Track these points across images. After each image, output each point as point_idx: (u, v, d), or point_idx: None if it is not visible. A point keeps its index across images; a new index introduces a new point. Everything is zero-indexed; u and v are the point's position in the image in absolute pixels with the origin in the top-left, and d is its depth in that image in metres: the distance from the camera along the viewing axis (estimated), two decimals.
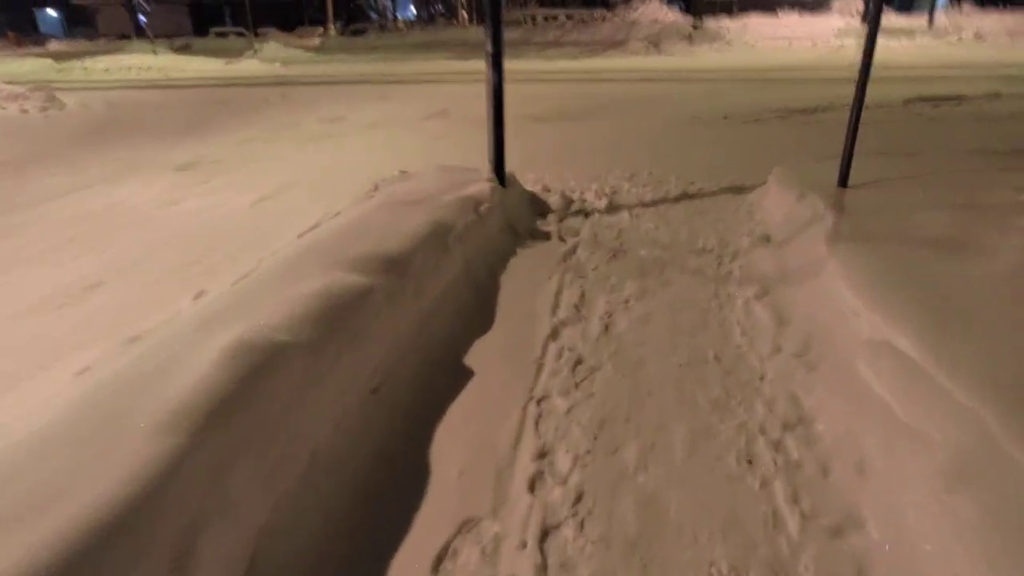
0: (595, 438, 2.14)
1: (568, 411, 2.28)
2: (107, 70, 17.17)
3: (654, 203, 4.51)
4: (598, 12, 25.66)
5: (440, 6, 42.56)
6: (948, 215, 2.89)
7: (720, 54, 18.05)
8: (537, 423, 2.22)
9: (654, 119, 7.87)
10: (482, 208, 3.55)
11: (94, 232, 4.27)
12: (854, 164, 3.59)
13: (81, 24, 43.16)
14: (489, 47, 3.80)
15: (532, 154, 6.00)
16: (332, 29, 31.49)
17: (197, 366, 1.68)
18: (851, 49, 17.37)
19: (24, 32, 39.58)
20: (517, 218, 3.91)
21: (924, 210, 2.97)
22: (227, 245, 3.83)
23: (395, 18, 39.19)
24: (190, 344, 1.84)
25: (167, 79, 15.44)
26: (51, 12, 47.17)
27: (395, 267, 2.59)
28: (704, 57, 17.18)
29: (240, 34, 28.90)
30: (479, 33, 3.91)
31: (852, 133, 3.47)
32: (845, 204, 3.23)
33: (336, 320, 2.15)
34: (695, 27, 21.70)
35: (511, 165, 4.41)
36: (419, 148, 6.65)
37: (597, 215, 4.28)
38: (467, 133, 7.03)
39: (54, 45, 32.45)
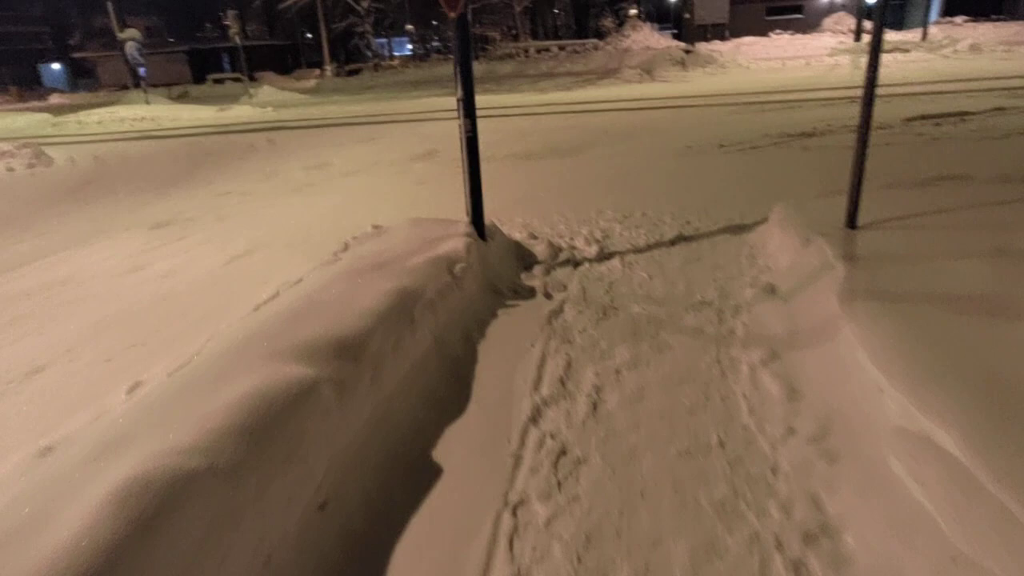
0: (579, 560, 1.80)
1: (548, 522, 1.94)
2: (100, 122, 17.17)
3: (648, 248, 4.20)
4: (590, 42, 25.77)
5: (436, 43, 43.15)
6: (977, 264, 2.55)
7: (714, 78, 17.95)
8: (511, 540, 1.88)
9: (647, 151, 7.61)
10: (457, 268, 3.24)
11: (50, 306, 3.99)
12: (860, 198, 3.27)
13: (84, 77, 43.90)
14: (460, 93, 3.54)
15: (520, 196, 5.73)
16: (328, 70, 31.77)
17: (72, 519, 1.36)
18: (846, 67, 17.27)
19: (28, 86, 40.27)
20: (498, 274, 3.60)
21: (948, 258, 2.63)
22: (183, 319, 3.53)
23: (391, 56, 39.59)
24: (77, 482, 1.51)
25: (159, 129, 15.40)
26: (55, 66, 48.12)
27: (348, 352, 2.27)
28: (698, 82, 17.06)
29: (237, 79, 29.15)
30: (475, 68, 3.65)
31: (858, 169, 3.16)
32: (856, 250, 2.90)
33: (269, 429, 1.82)
34: (687, 51, 21.68)
35: (497, 209, 4.12)
36: (404, 195, 6.39)
37: (587, 264, 3.97)
38: (455, 176, 6.74)
39: (55, 98, 32.94)
